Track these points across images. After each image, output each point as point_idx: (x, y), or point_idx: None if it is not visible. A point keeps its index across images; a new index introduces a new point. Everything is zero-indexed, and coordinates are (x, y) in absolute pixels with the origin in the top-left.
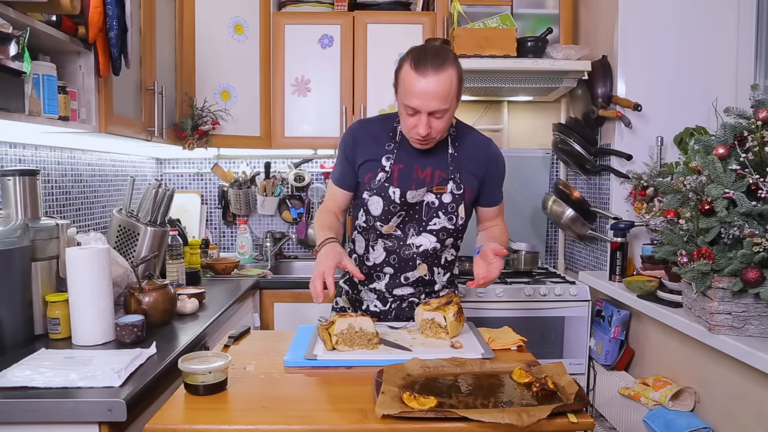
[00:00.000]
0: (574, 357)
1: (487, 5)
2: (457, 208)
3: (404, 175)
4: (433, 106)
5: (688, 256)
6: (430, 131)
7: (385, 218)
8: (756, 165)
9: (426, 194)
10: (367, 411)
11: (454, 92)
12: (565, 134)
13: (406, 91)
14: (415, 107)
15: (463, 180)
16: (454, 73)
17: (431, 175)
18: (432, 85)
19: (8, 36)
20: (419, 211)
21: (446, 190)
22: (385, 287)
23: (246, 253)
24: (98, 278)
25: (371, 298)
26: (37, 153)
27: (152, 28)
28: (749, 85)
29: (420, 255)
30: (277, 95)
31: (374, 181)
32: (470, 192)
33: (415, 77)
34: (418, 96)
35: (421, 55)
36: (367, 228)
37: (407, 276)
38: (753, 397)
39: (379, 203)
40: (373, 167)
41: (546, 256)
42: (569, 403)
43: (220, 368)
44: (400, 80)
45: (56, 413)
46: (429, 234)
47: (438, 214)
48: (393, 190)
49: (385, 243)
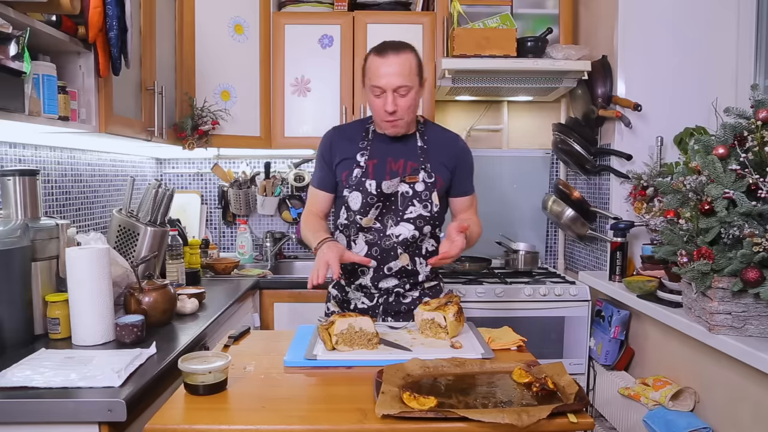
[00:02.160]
0: (574, 357)
1: (487, 5)
2: (430, 195)
3: (378, 168)
4: (396, 82)
5: (688, 256)
6: (397, 108)
7: (364, 211)
8: (756, 165)
9: (400, 184)
10: (367, 411)
11: (414, 72)
12: (565, 134)
13: (371, 74)
14: (381, 86)
15: (434, 169)
16: (412, 56)
17: (403, 166)
18: (393, 64)
19: (8, 36)
20: (395, 202)
21: (419, 179)
22: (370, 281)
23: (246, 253)
24: (98, 278)
25: (358, 297)
26: (37, 153)
27: (152, 28)
28: (749, 85)
29: (400, 244)
30: (277, 95)
31: (351, 178)
32: (442, 181)
33: (378, 60)
34: (383, 75)
35: (382, 45)
36: (348, 224)
37: (390, 266)
38: (753, 397)
39: (358, 197)
40: (349, 165)
41: (546, 256)
42: (569, 403)
43: (220, 368)
44: (366, 70)
45: (56, 413)
46: (407, 222)
47: (413, 202)
48: (369, 183)
49: (366, 236)
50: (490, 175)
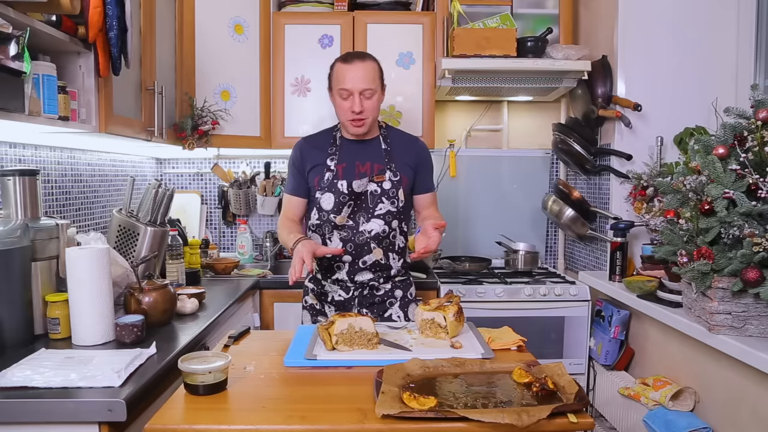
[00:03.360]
0: (574, 357)
1: (487, 5)
2: (397, 192)
3: (347, 171)
4: (362, 85)
5: (688, 256)
6: (363, 109)
7: (337, 210)
8: (756, 165)
9: (369, 184)
10: (367, 411)
11: (378, 77)
12: (565, 134)
13: (338, 79)
14: (348, 89)
15: (399, 168)
16: (375, 64)
17: (370, 168)
18: (359, 69)
19: (8, 36)
20: (365, 200)
21: (385, 179)
22: (346, 275)
23: (246, 253)
24: (98, 278)
25: (335, 290)
26: (37, 153)
27: (152, 28)
28: (749, 85)
29: (373, 239)
30: (277, 95)
31: (323, 181)
32: (406, 179)
33: (345, 66)
34: (349, 80)
35: (347, 54)
36: (320, 224)
37: (365, 260)
38: (753, 397)
39: (331, 198)
40: (320, 170)
41: (546, 256)
42: (569, 403)
43: (220, 368)
44: (333, 77)
45: (56, 413)
46: (377, 219)
47: (382, 199)
48: (341, 183)
49: (340, 233)
50: (490, 175)
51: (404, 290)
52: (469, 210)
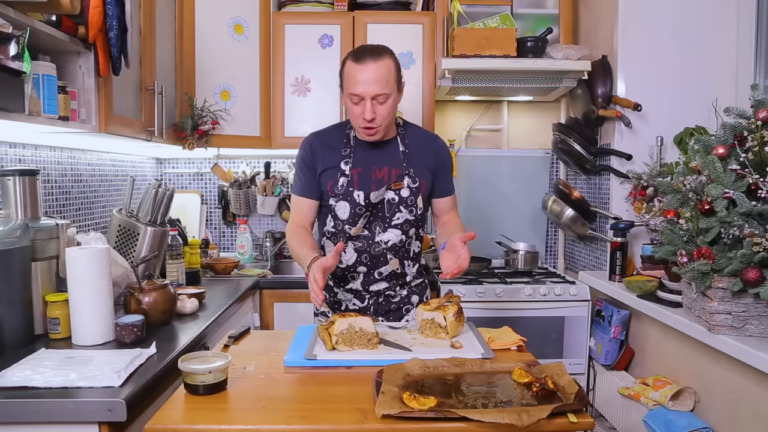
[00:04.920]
0: (574, 357)
1: (487, 5)
2: (416, 200)
3: (363, 177)
4: (374, 90)
5: (688, 256)
6: (375, 116)
7: (352, 221)
8: (756, 165)
9: (386, 192)
10: (367, 411)
11: (393, 79)
12: (565, 134)
13: (349, 82)
14: (359, 94)
15: (417, 173)
16: (391, 62)
17: (388, 173)
18: (372, 71)
19: (8, 36)
20: (382, 209)
21: (404, 185)
22: (360, 285)
23: (246, 253)
24: (98, 278)
25: (349, 298)
26: (37, 153)
27: (152, 28)
28: (749, 85)
29: (389, 249)
30: (277, 95)
31: (337, 187)
32: (426, 184)
33: (356, 67)
34: (360, 83)
35: (360, 50)
36: (335, 233)
37: (380, 271)
38: (752, 397)
39: (346, 207)
40: (333, 174)
41: (546, 256)
42: (569, 403)
43: (220, 368)
44: (344, 77)
45: (56, 413)
46: (394, 228)
47: (400, 208)
48: (357, 194)
49: (354, 244)
50: (490, 175)
51: (420, 295)
52: (469, 210)
